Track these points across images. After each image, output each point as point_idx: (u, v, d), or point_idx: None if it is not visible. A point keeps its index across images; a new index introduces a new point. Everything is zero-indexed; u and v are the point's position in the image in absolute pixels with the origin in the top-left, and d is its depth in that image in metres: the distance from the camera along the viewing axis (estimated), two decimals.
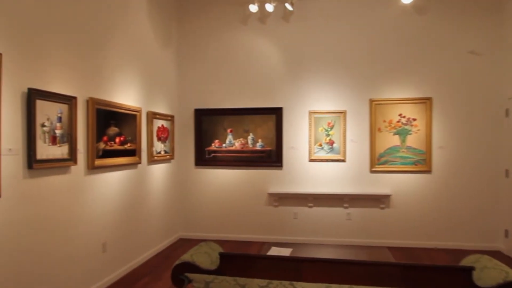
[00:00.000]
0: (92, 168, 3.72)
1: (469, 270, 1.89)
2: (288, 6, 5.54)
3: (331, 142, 5.67)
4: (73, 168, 3.46)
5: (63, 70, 3.33)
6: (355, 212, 5.63)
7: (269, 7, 5.52)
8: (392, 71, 5.56)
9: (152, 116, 5.07)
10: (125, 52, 4.45)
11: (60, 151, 3.24)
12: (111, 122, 4.07)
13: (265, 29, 5.89)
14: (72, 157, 3.38)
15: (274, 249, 3.48)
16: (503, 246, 5.22)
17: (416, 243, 5.47)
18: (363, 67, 5.62)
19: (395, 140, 5.51)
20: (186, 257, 2.15)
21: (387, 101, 5.53)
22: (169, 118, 5.64)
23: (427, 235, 5.46)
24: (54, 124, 3.16)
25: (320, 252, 4.13)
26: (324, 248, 4.68)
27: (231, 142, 5.94)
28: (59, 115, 3.22)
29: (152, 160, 5.07)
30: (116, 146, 4.16)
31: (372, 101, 5.57)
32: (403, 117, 5.48)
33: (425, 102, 5.44)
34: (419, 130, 5.45)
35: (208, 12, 6.03)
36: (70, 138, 3.35)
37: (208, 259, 2.21)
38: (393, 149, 5.51)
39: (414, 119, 5.46)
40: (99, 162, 3.83)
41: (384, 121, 5.53)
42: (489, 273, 1.92)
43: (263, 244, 5.15)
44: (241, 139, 5.92)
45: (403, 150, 5.48)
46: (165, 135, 5.48)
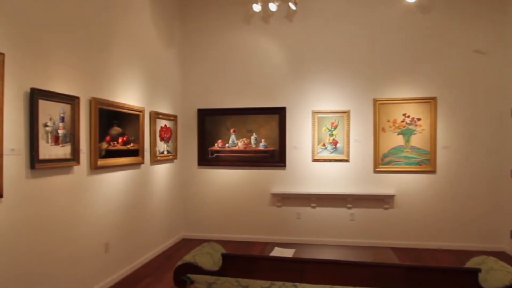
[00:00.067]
0: (95, 168, 3.72)
1: (475, 272, 1.87)
2: (291, 6, 5.52)
3: (334, 142, 5.64)
4: (76, 168, 3.46)
5: (65, 70, 3.33)
6: (358, 212, 5.60)
7: (273, 7, 5.49)
8: (396, 71, 5.53)
9: (155, 116, 5.06)
10: (128, 51, 4.45)
11: (63, 151, 3.23)
12: (114, 122, 4.06)
13: (268, 29, 5.87)
14: (74, 157, 3.38)
15: (277, 250, 3.46)
16: (508, 246, 5.17)
17: (420, 244, 5.43)
18: (367, 66, 5.59)
19: (399, 140, 5.48)
20: (188, 258, 2.14)
21: (391, 100, 5.49)
22: (172, 118, 5.64)
23: (431, 236, 5.42)
24: (56, 124, 3.15)
25: (324, 252, 4.10)
26: (327, 249, 4.65)
27: (234, 142, 5.93)
28: (62, 115, 3.22)
29: (155, 160, 5.07)
30: (119, 146, 4.15)
31: (376, 100, 5.53)
32: (407, 117, 5.44)
33: (429, 101, 5.40)
34: (423, 130, 5.41)
35: (211, 12, 6.02)
36: (72, 138, 3.35)
37: (210, 260, 2.20)
38: (397, 149, 5.48)
39: (419, 119, 5.42)
40: (102, 162, 3.82)
41: (388, 121, 5.50)
42: (495, 275, 1.89)
43: (266, 244, 5.14)
44: (244, 139, 5.91)
45: (407, 150, 5.45)
46: (168, 135, 5.47)
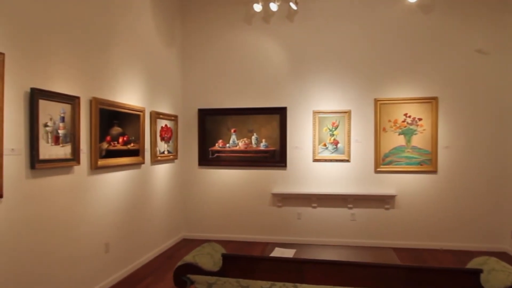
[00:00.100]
0: (95, 168, 3.71)
1: (477, 272, 1.86)
2: (292, 5, 5.50)
3: (335, 142, 5.63)
4: (76, 168, 3.45)
5: (66, 69, 3.32)
6: (359, 212, 5.58)
7: (273, 6, 5.48)
8: (397, 71, 5.52)
9: (156, 116, 5.05)
10: (129, 51, 4.44)
11: (63, 151, 3.23)
12: (114, 122, 4.06)
13: (269, 29, 5.86)
14: (75, 157, 3.37)
15: (277, 250, 3.45)
16: (509, 247, 5.15)
17: (422, 244, 5.41)
18: (368, 66, 5.58)
19: (400, 140, 5.46)
20: (188, 258, 2.13)
21: (392, 100, 5.48)
22: (173, 118, 5.63)
23: (433, 236, 5.41)
24: (57, 124, 3.15)
25: (324, 253, 4.09)
26: (328, 249, 4.64)
27: (235, 142, 5.92)
28: (62, 115, 3.21)
29: (156, 160, 5.06)
30: (119, 146, 4.15)
31: (377, 100, 5.52)
32: (409, 116, 5.43)
33: (430, 101, 5.39)
34: (424, 130, 5.40)
35: (211, 12, 6.01)
36: (73, 138, 3.35)
37: (210, 260, 2.19)
38: (398, 149, 5.46)
39: (420, 119, 5.40)
40: (102, 162, 3.82)
41: (389, 121, 5.49)
42: (497, 275, 1.88)
43: (266, 244, 5.13)
44: (244, 139, 5.90)
45: (408, 150, 5.43)
46: (168, 135, 5.47)
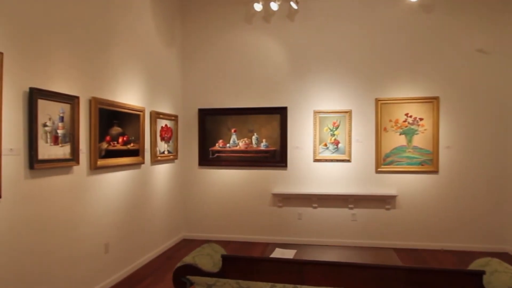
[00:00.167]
0: (95, 168, 3.70)
1: (479, 274, 1.83)
2: (293, 5, 5.49)
3: (336, 142, 5.61)
4: (75, 168, 3.44)
5: (65, 69, 3.31)
6: (360, 213, 5.56)
7: (274, 6, 5.47)
8: (399, 70, 5.49)
9: (156, 116, 5.04)
10: (128, 51, 4.43)
11: (62, 151, 3.21)
12: (114, 122, 4.04)
13: (269, 28, 5.84)
14: (74, 157, 3.36)
15: (278, 251, 3.43)
16: (511, 247, 5.13)
17: (422, 245, 5.39)
18: (369, 66, 5.56)
19: (401, 140, 5.44)
20: (188, 259, 2.11)
21: (393, 100, 5.46)
22: (173, 118, 5.61)
23: (434, 236, 5.39)
24: (56, 124, 3.13)
25: (325, 253, 4.07)
26: (328, 250, 4.62)
27: (235, 142, 5.90)
28: (61, 114, 3.20)
29: (156, 160, 5.04)
30: (119, 146, 4.13)
31: (378, 100, 5.50)
32: (410, 116, 5.41)
33: (432, 101, 5.36)
34: (425, 130, 5.37)
35: (212, 11, 5.99)
36: (72, 138, 3.33)
37: (210, 261, 2.17)
38: (399, 149, 5.44)
39: (421, 119, 5.38)
40: (102, 162, 3.80)
41: (390, 121, 5.46)
42: (500, 277, 1.86)
43: (267, 245, 5.11)
44: (245, 139, 5.88)
45: (410, 150, 5.41)
46: (168, 135, 5.45)
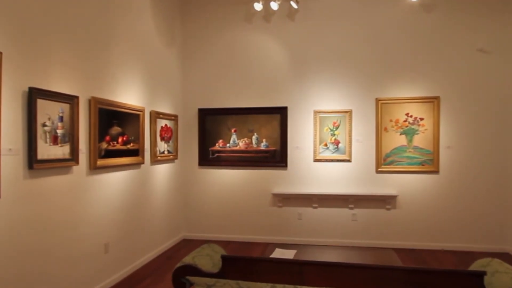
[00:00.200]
0: (94, 168, 3.69)
1: (480, 275, 1.82)
2: (293, 4, 5.47)
3: (336, 142, 5.60)
4: (75, 168, 3.43)
5: (64, 69, 3.30)
6: (360, 213, 5.55)
7: (274, 5, 5.45)
8: (399, 70, 5.48)
9: (156, 115, 5.03)
10: (128, 51, 4.42)
11: (62, 151, 3.20)
12: (113, 121, 4.03)
13: (269, 28, 5.83)
14: (73, 157, 3.35)
15: (278, 251, 3.42)
16: None
17: (423, 245, 5.38)
18: (369, 66, 5.55)
19: (401, 140, 5.43)
20: (187, 259, 2.11)
21: (394, 100, 5.44)
22: (173, 117, 5.60)
23: (434, 237, 5.37)
24: (55, 124, 3.12)
25: (325, 254, 4.06)
26: (329, 250, 4.61)
27: (235, 142, 5.89)
28: (61, 114, 3.19)
29: (155, 160, 5.04)
30: (118, 146, 4.12)
31: (378, 100, 5.49)
32: (410, 116, 5.39)
33: (432, 101, 5.35)
34: (426, 129, 5.36)
35: (212, 11, 5.98)
36: (71, 138, 3.32)
37: (210, 261, 2.16)
38: (400, 149, 5.43)
39: (421, 119, 5.37)
40: (101, 162, 3.79)
41: (391, 121, 5.45)
42: (501, 277, 1.86)
43: (267, 245, 5.11)
44: (245, 139, 5.87)
45: (410, 150, 5.40)
46: (168, 135, 5.44)
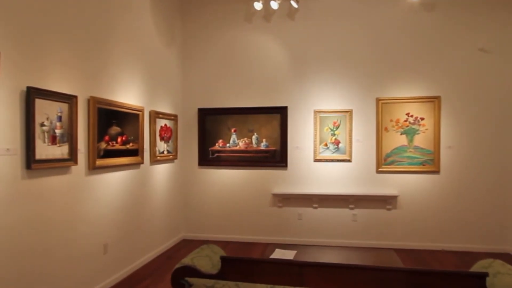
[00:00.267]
0: (93, 168, 3.67)
1: (482, 276, 1.80)
2: (293, 4, 5.46)
3: (336, 142, 5.58)
4: (74, 168, 3.41)
5: (63, 68, 3.28)
6: (361, 213, 5.53)
7: (274, 5, 5.43)
8: (400, 70, 5.46)
9: (155, 115, 5.01)
10: (128, 50, 4.40)
11: (60, 151, 3.18)
12: (113, 121, 4.01)
13: (269, 27, 5.81)
14: (72, 157, 3.33)
15: (278, 252, 3.40)
16: None
17: (423, 245, 5.36)
18: (370, 65, 5.53)
19: (402, 140, 5.41)
20: (186, 260, 2.09)
21: (394, 100, 5.42)
22: (172, 117, 5.59)
23: (435, 237, 5.36)
24: (54, 124, 3.10)
25: (325, 254, 4.04)
26: (329, 250, 4.59)
27: (235, 142, 5.88)
28: (59, 114, 3.17)
29: (155, 160, 5.02)
30: (118, 146, 4.10)
31: (379, 100, 5.47)
32: (411, 116, 5.37)
33: (433, 101, 5.33)
34: (427, 129, 5.34)
35: (212, 10, 5.96)
36: (70, 137, 3.30)
37: (209, 262, 2.14)
38: (400, 149, 5.41)
39: (422, 118, 5.35)
40: (100, 162, 3.77)
41: (391, 121, 5.43)
42: (503, 279, 1.83)
43: (267, 245, 5.09)
44: (245, 138, 5.85)
45: (411, 150, 5.38)
46: (168, 135, 5.42)
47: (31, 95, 2.84)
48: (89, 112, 3.61)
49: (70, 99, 3.29)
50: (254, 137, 5.83)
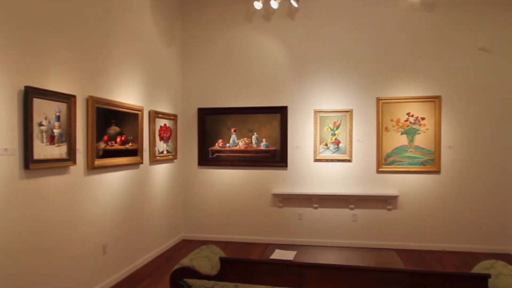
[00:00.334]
0: (92, 168, 3.65)
1: (484, 277, 1.78)
2: (293, 3, 5.43)
3: (337, 142, 5.56)
4: (72, 168, 3.39)
5: (62, 68, 3.26)
6: (361, 213, 5.51)
7: (274, 4, 5.41)
8: (400, 69, 5.44)
9: (155, 115, 4.99)
10: (127, 50, 4.38)
11: (59, 151, 3.16)
12: (112, 121, 3.99)
13: (269, 27, 5.79)
14: (71, 157, 3.31)
15: (278, 252, 3.39)
16: None
17: (424, 245, 5.34)
18: (370, 65, 5.50)
19: (402, 140, 5.39)
20: (185, 261, 2.07)
21: (395, 99, 5.40)
22: (172, 117, 5.57)
23: (435, 237, 5.33)
24: (52, 123, 3.08)
25: (325, 255, 4.03)
26: (329, 251, 4.57)
27: (235, 142, 5.86)
28: (58, 114, 3.15)
29: (154, 160, 5.00)
30: (117, 146, 4.08)
31: (379, 99, 5.45)
32: (411, 116, 5.35)
33: (433, 100, 5.31)
34: (427, 129, 5.32)
35: (211, 10, 5.94)
36: (69, 137, 3.28)
37: (208, 263, 2.13)
38: (401, 149, 5.39)
39: (423, 118, 5.33)
40: (99, 162, 3.75)
41: (392, 120, 5.41)
42: (505, 280, 1.82)
43: (267, 245, 5.07)
44: (245, 138, 5.83)
45: (411, 150, 5.36)
46: (167, 135, 5.40)
47: (29, 94, 2.82)
48: (87, 112, 3.59)
49: (68, 99, 3.27)
50: (254, 137, 5.81)
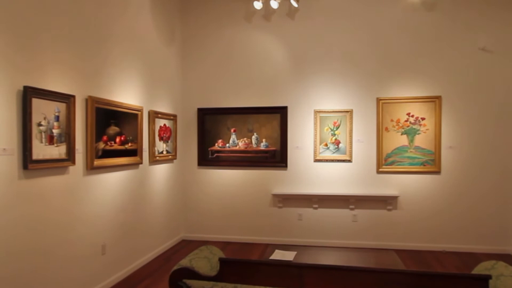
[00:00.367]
0: (91, 169, 3.64)
1: (485, 278, 1.77)
2: (293, 3, 5.42)
3: (337, 142, 5.55)
4: (71, 168, 3.38)
5: (61, 67, 3.25)
6: (361, 213, 5.50)
7: (274, 4, 5.40)
8: (400, 69, 5.43)
9: (154, 115, 4.98)
10: (127, 50, 4.37)
11: (58, 151, 3.15)
12: (111, 121, 3.98)
13: (269, 27, 5.78)
14: (70, 157, 3.30)
15: (277, 253, 3.37)
16: None
17: (424, 246, 5.33)
18: (370, 65, 5.49)
19: (403, 140, 5.38)
20: (184, 262, 2.06)
21: (395, 99, 5.39)
22: (172, 117, 5.55)
23: (436, 238, 5.32)
24: (51, 123, 3.07)
25: (325, 255, 4.02)
26: (329, 251, 4.56)
27: (235, 142, 5.84)
28: (57, 114, 3.14)
29: (154, 160, 4.99)
30: (116, 146, 4.07)
31: (379, 100, 5.43)
32: (411, 116, 5.34)
33: (434, 100, 5.30)
34: (427, 129, 5.31)
35: (211, 9, 5.93)
36: (68, 137, 3.27)
37: (207, 264, 2.12)
38: (401, 149, 5.38)
39: (423, 118, 5.32)
40: (99, 162, 3.74)
41: (392, 121, 5.40)
42: (506, 281, 1.81)
43: (267, 246, 5.06)
44: (245, 139, 5.82)
45: (411, 150, 5.35)
46: (167, 135, 5.39)
47: (28, 94, 2.81)
48: (87, 112, 3.58)
49: (67, 99, 3.26)
50: (254, 137, 5.80)
